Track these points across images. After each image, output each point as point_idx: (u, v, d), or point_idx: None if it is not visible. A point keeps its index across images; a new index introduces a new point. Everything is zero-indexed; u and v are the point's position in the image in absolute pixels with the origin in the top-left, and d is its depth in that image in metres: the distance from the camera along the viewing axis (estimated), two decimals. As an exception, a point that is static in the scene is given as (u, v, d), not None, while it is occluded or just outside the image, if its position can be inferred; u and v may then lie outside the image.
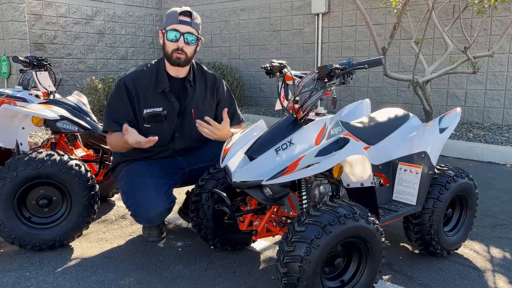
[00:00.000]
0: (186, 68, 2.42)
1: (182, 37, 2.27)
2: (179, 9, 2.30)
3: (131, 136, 2.12)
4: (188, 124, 2.44)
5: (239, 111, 2.66)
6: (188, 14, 2.29)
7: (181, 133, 2.45)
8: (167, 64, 2.39)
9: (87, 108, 3.09)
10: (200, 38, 2.37)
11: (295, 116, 1.94)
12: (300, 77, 2.15)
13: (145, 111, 2.35)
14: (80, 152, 3.15)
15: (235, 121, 2.63)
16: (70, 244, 2.53)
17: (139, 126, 2.38)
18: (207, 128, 2.19)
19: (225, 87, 2.60)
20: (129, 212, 2.33)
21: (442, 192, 2.25)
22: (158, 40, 9.46)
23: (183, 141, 2.47)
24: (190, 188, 2.58)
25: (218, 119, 2.61)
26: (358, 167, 1.89)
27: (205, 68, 2.55)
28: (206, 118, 2.21)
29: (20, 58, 2.99)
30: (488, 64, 6.06)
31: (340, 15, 7.22)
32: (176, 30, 2.26)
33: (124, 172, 2.37)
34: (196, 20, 2.32)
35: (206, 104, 2.50)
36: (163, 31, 2.31)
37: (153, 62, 2.46)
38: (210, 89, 2.52)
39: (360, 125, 2.26)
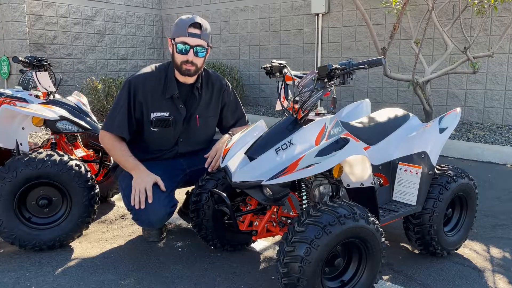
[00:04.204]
0: (195, 75, 2.42)
1: (191, 50, 2.25)
2: (188, 19, 2.25)
3: (144, 181, 2.20)
4: (193, 129, 2.45)
5: (244, 113, 2.66)
6: (198, 26, 2.24)
7: (185, 138, 2.45)
8: (175, 70, 2.38)
9: (87, 108, 3.08)
10: (210, 47, 2.35)
11: (295, 116, 1.94)
12: (300, 77, 2.15)
13: (152, 115, 2.34)
14: (80, 152, 3.15)
15: (240, 123, 2.63)
16: (70, 244, 2.53)
17: (145, 129, 2.38)
18: (216, 161, 2.35)
19: (231, 91, 2.60)
20: (129, 213, 2.33)
21: (442, 192, 2.25)
22: (160, 43, 9.46)
23: (187, 145, 2.48)
24: (190, 188, 2.58)
25: (223, 122, 2.61)
26: (358, 167, 1.89)
27: (211, 71, 2.55)
28: (205, 156, 2.38)
29: (20, 58, 2.99)
30: (488, 64, 6.07)
31: (340, 15, 7.22)
32: (185, 43, 2.24)
33: (125, 173, 2.36)
34: (206, 31, 2.28)
35: (211, 109, 2.50)
36: (172, 42, 2.28)
37: (160, 64, 2.44)
38: (216, 94, 2.52)
39: (360, 125, 2.26)
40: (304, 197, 1.99)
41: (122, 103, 2.32)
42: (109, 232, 2.74)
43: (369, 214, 1.76)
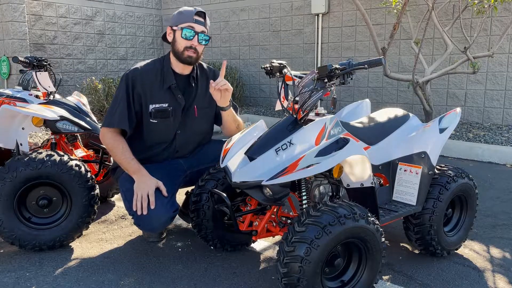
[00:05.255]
0: (194, 64, 2.43)
1: (196, 36, 2.31)
2: (192, 9, 2.33)
3: (147, 185, 2.18)
4: (191, 120, 2.45)
5: (237, 107, 2.67)
6: (203, 15, 2.34)
7: (183, 130, 2.45)
8: (173, 61, 2.40)
9: (87, 108, 3.09)
10: (210, 38, 2.41)
11: (295, 116, 1.94)
12: (300, 77, 2.16)
13: (151, 106, 2.35)
14: (80, 152, 3.15)
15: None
16: (70, 244, 2.53)
17: (144, 121, 2.38)
18: (221, 86, 2.22)
19: None
20: (129, 213, 2.33)
21: (442, 192, 2.25)
22: (161, 37, 9.45)
23: (184, 138, 2.47)
24: (190, 188, 2.58)
25: (218, 115, 2.60)
26: (358, 167, 1.89)
27: (205, 65, 2.57)
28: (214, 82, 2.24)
29: (20, 58, 2.98)
30: (488, 64, 6.06)
31: (340, 15, 7.22)
32: (191, 28, 2.29)
33: (126, 176, 2.35)
34: (208, 22, 2.38)
35: (207, 101, 2.51)
36: (176, 28, 2.31)
37: (154, 59, 2.46)
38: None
39: (360, 125, 2.26)
40: (304, 197, 1.99)
41: (121, 96, 2.32)
42: (109, 232, 2.74)
43: (369, 214, 1.76)
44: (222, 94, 2.27)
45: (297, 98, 1.97)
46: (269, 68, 2.29)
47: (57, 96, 3.02)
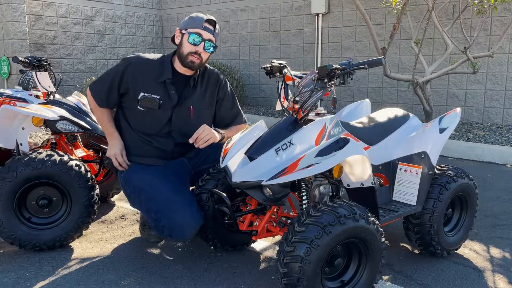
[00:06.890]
0: (196, 69, 2.44)
1: (203, 43, 2.32)
2: (204, 16, 2.35)
3: (115, 153, 2.36)
4: (187, 120, 2.44)
5: (242, 112, 2.66)
6: (213, 23, 2.35)
7: (179, 129, 2.44)
8: (176, 60, 2.40)
9: (87, 108, 3.08)
10: (216, 46, 2.42)
11: (295, 116, 1.94)
12: (300, 78, 2.16)
13: (141, 94, 2.37)
14: (80, 152, 3.15)
15: (237, 121, 2.63)
16: (70, 244, 2.53)
17: (134, 108, 2.38)
18: (200, 139, 2.30)
19: (228, 87, 2.60)
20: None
21: (442, 192, 2.25)
22: (160, 43, 9.45)
23: (182, 136, 2.46)
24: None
25: (217, 117, 2.60)
26: (358, 167, 1.89)
27: (209, 67, 2.56)
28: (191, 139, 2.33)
29: (20, 58, 2.98)
30: (488, 64, 6.07)
31: (340, 15, 7.22)
32: (199, 34, 2.30)
33: (136, 181, 2.33)
34: (217, 31, 2.38)
35: (205, 101, 2.50)
36: (185, 32, 2.33)
37: (160, 55, 2.49)
38: (211, 87, 2.53)
39: (360, 125, 2.27)
40: (304, 197, 1.99)
41: (110, 75, 2.40)
42: (109, 232, 2.74)
43: (369, 214, 1.76)
44: (204, 144, 2.34)
45: (297, 98, 1.97)
46: (269, 68, 2.29)
47: (57, 96, 3.02)
